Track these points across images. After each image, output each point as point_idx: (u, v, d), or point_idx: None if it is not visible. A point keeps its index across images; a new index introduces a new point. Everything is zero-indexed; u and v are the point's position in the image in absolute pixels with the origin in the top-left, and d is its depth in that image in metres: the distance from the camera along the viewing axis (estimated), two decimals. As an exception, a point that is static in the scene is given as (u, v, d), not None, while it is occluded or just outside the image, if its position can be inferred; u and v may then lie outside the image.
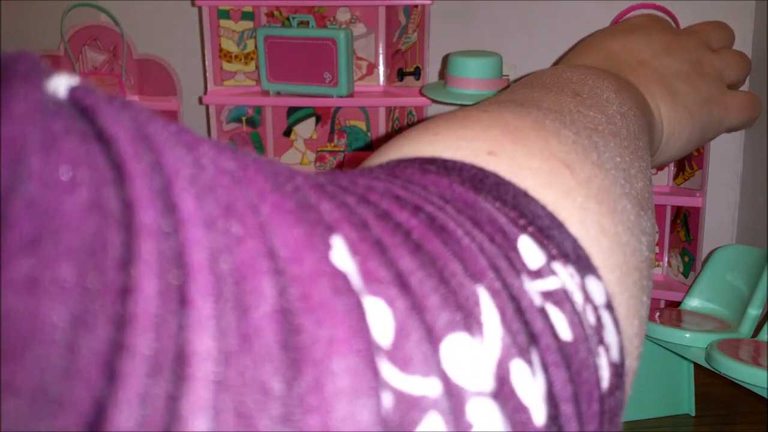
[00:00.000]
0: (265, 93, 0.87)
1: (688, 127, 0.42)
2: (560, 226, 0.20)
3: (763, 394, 0.59)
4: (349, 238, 0.16)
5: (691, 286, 0.77)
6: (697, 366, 0.72)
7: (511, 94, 0.31)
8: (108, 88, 0.91)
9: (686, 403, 0.75)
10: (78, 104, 0.14)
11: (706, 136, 0.45)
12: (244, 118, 0.90)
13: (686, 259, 0.82)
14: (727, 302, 0.74)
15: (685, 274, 0.82)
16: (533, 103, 0.27)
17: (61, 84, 0.14)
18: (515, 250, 0.19)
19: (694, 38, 0.45)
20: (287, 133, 0.92)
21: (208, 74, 0.88)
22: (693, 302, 0.76)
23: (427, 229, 0.17)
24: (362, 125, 0.91)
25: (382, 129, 0.90)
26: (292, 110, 0.91)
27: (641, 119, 0.34)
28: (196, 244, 0.13)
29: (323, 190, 0.17)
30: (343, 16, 0.89)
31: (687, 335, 0.66)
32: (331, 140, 0.92)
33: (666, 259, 0.86)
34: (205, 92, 0.90)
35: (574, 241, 0.20)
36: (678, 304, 0.78)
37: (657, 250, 0.86)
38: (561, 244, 0.20)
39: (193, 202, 0.14)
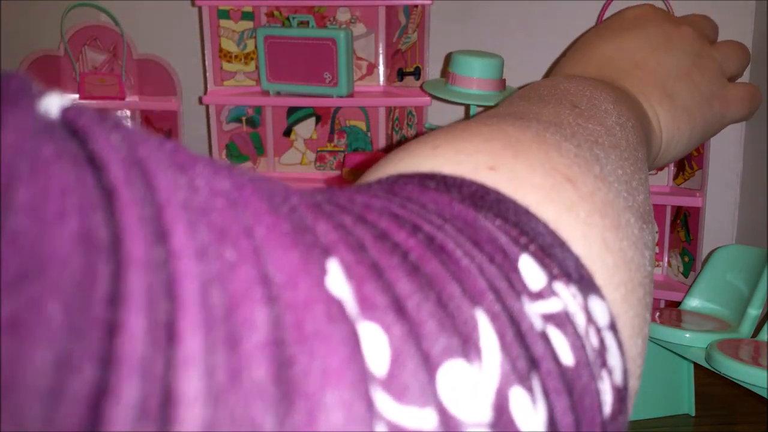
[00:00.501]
0: (265, 93, 0.87)
1: (688, 129, 0.41)
2: (562, 244, 0.20)
3: (763, 394, 0.59)
4: (346, 261, 0.15)
5: (691, 286, 0.77)
6: (697, 366, 0.72)
7: (509, 106, 0.30)
8: (108, 88, 0.91)
9: (686, 403, 0.75)
10: (70, 125, 0.14)
11: (708, 133, 0.44)
12: (244, 118, 0.90)
13: (686, 259, 0.82)
14: (727, 302, 0.74)
15: (685, 274, 0.82)
16: (533, 116, 0.27)
17: (53, 104, 0.14)
18: (516, 270, 0.18)
19: (693, 29, 0.44)
20: (287, 133, 0.92)
21: (208, 74, 0.88)
22: (693, 302, 0.76)
23: (425, 249, 0.17)
24: (362, 125, 0.91)
25: (382, 129, 0.90)
26: (292, 110, 0.91)
27: (639, 131, 0.33)
28: (187, 276, 0.13)
29: (320, 210, 0.17)
30: (343, 16, 0.89)
31: (687, 335, 0.66)
32: (331, 140, 0.92)
33: (666, 259, 0.86)
34: (205, 92, 0.90)
35: (577, 260, 0.20)
36: (678, 304, 0.78)
37: (657, 250, 0.86)
38: (563, 263, 0.19)
39: (185, 230, 0.13)
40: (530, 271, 0.18)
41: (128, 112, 0.93)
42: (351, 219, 0.17)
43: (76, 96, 0.91)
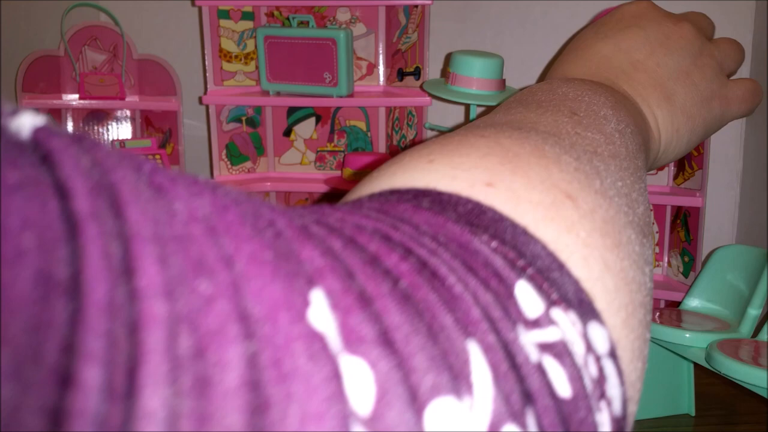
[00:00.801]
0: (265, 93, 0.87)
1: (688, 132, 0.41)
2: (561, 267, 0.19)
3: (763, 394, 0.59)
4: (332, 290, 0.15)
5: (691, 286, 0.77)
6: (697, 366, 0.72)
7: (507, 114, 0.29)
8: (108, 88, 0.91)
9: (686, 403, 0.75)
10: (40, 147, 0.13)
11: (708, 132, 0.43)
12: (244, 118, 0.90)
13: (686, 259, 0.82)
14: (727, 302, 0.74)
15: (685, 274, 0.82)
16: (531, 126, 0.26)
17: (25, 123, 0.13)
18: (512, 296, 0.17)
19: (692, 26, 0.43)
20: (287, 133, 0.92)
21: (208, 74, 0.88)
22: (693, 302, 0.76)
23: (416, 275, 0.16)
24: (362, 125, 0.91)
25: (382, 129, 0.90)
26: (292, 110, 0.91)
27: (638, 136, 0.32)
28: (152, 319, 0.12)
29: (307, 233, 0.16)
30: (343, 16, 0.89)
31: (687, 335, 0.66)
32: (331, 140, 0.92)
33: (666, 259, 0.86)
34: (205, 92, 0.90)
35: (576, 284, 0.19)
36: (678, 304, 0.78)
37: (657, 250, 0.86)
38: (562, 288, 0.18)
39: (154, 266, 0.12)
40: (527, 297, 0.18)
41: (128, 112, 0.93)
42: (340, 242, 0.16)
43: (76, 96, 0.91)
